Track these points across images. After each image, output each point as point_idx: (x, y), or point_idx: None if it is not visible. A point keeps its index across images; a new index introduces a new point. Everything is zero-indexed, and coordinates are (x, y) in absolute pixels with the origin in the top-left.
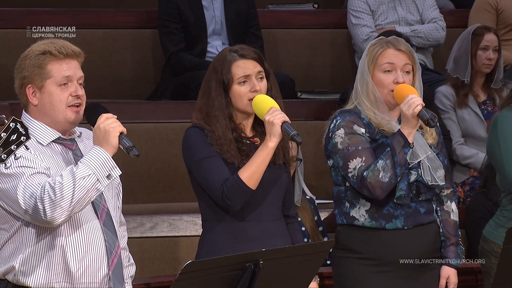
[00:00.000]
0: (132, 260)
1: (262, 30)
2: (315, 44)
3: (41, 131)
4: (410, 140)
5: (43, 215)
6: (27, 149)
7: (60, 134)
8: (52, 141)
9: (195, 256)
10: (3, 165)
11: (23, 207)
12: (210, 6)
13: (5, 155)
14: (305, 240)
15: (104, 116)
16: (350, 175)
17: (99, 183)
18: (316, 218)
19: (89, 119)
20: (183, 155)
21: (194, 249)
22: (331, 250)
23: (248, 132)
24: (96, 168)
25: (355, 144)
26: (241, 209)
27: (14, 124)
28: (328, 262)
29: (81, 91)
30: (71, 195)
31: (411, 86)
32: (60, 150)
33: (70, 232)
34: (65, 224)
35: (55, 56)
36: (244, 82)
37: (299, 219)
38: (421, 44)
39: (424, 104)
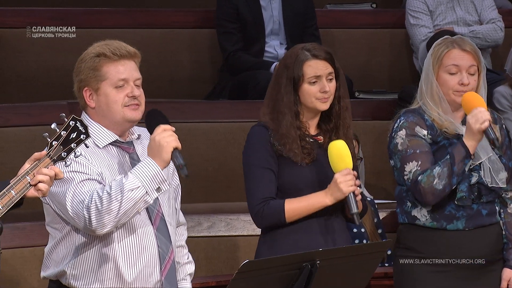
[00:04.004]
0: (190, 258)
1: (320, 30)
2: (373, 44)
3: (98, 133)
4: (471, 151)
5: (88, 224)
6: (76, 157)
7: (118, 137)
8: (109, 143)
9: (254, 254)
10: (63, 163)
11: (70, 213)
12: (268, 6)
13: (65, 153)
14: (364, 241)
15: (161, 127)
16: (405, 177)
17: (148, 196)
18: (376, 220)
19: (148, 126)
20: (243, 151)
21: (252, 249)
22: (391, 251)
23: (313, 130)
24: (146, 180)
25: (414, 147)
26: None
27: (73, 122)
28: (386, 264)
29: (138, 92)
30: (118, 207)
31: (480, 97)
32: (116, 153)
33: (122, 237)
34: (117, 230)
35: (110, 58)
36: (314, 82)
37: None
38: (479, 45)
39: (491, 120)
